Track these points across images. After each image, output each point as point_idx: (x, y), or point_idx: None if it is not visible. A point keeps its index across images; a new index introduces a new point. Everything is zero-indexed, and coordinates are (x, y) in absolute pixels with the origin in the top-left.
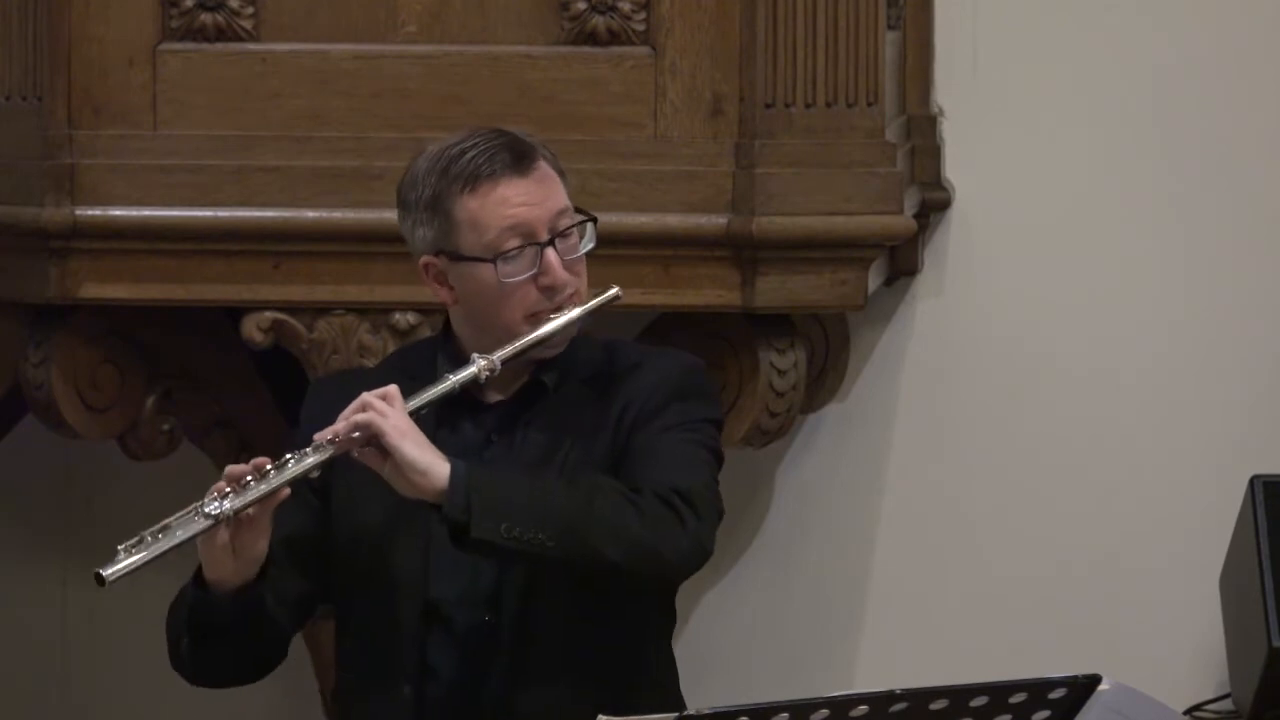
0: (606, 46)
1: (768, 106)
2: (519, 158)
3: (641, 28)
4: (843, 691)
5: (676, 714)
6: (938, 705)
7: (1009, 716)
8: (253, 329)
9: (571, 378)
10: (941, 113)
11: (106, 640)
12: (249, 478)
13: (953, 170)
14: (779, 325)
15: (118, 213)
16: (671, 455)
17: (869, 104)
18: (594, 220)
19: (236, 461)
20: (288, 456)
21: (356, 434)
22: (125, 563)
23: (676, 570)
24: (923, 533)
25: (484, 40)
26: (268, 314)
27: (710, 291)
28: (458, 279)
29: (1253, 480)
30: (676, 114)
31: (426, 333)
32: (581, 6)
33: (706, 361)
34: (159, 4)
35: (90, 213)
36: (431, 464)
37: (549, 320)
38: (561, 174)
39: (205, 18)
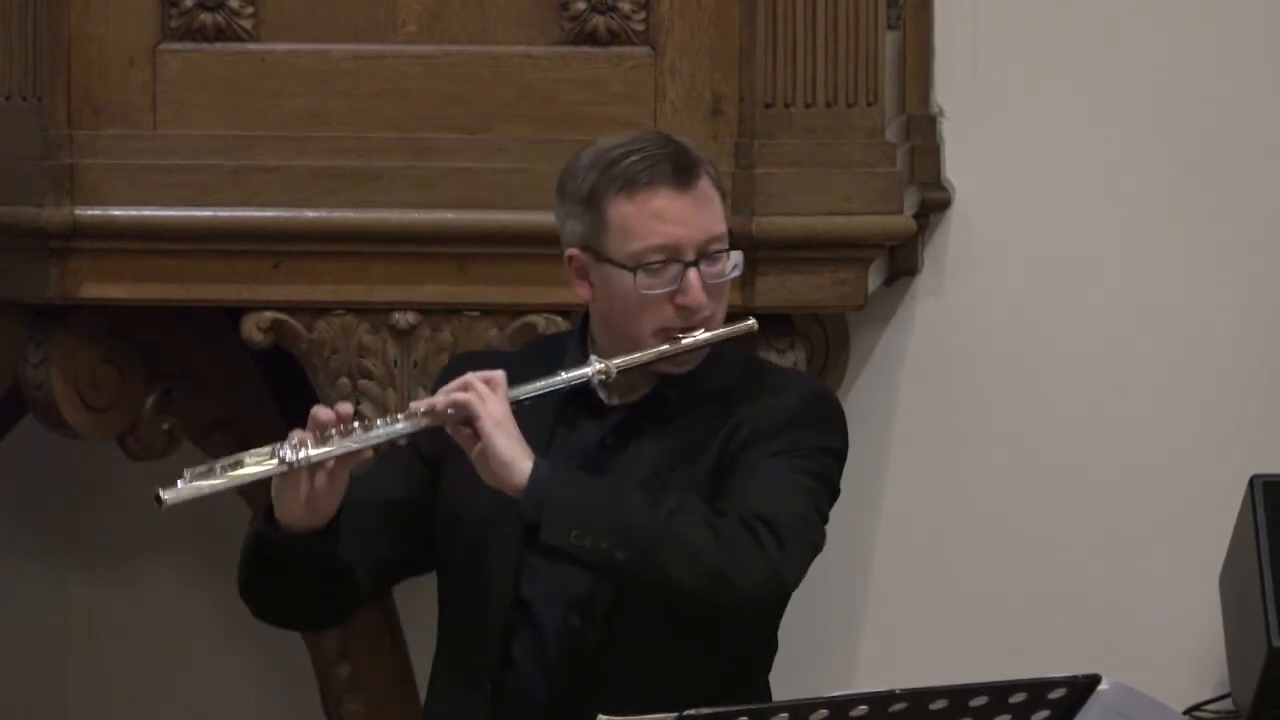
0: (606, 46)
1: (768, 106)
2: (681, 171)
3: (641, 28)
4: (843, 691)
5: (676, 714)
6: (938, 705)
7: (1009, 716)
8: (253, 329)
9: (699, 393)
10: (941, 113)
11: (106, 640)
12: (333, 430)
13: (953, 170)
14: (779, 325)
15: (118, 213)
16: (770, 480)
17: (869, 104)
18: (744, 247)
19: None
20: (379, 419)
21: (452, 411)
22: (188, 488)
23: (749, 600)
24: (923, 532)
25: (484, 40)
26: (268, 314)
27: None
28: (598, 278)
29: (1253, 480)
30: (676, 114)
31: (426, 333)
32: (581, 6)
33: None
34: (159, 4)
35: (90, 213)
36: (516, 458)
37: (677, 339)
38: (723, 193)
39: (205, 18)
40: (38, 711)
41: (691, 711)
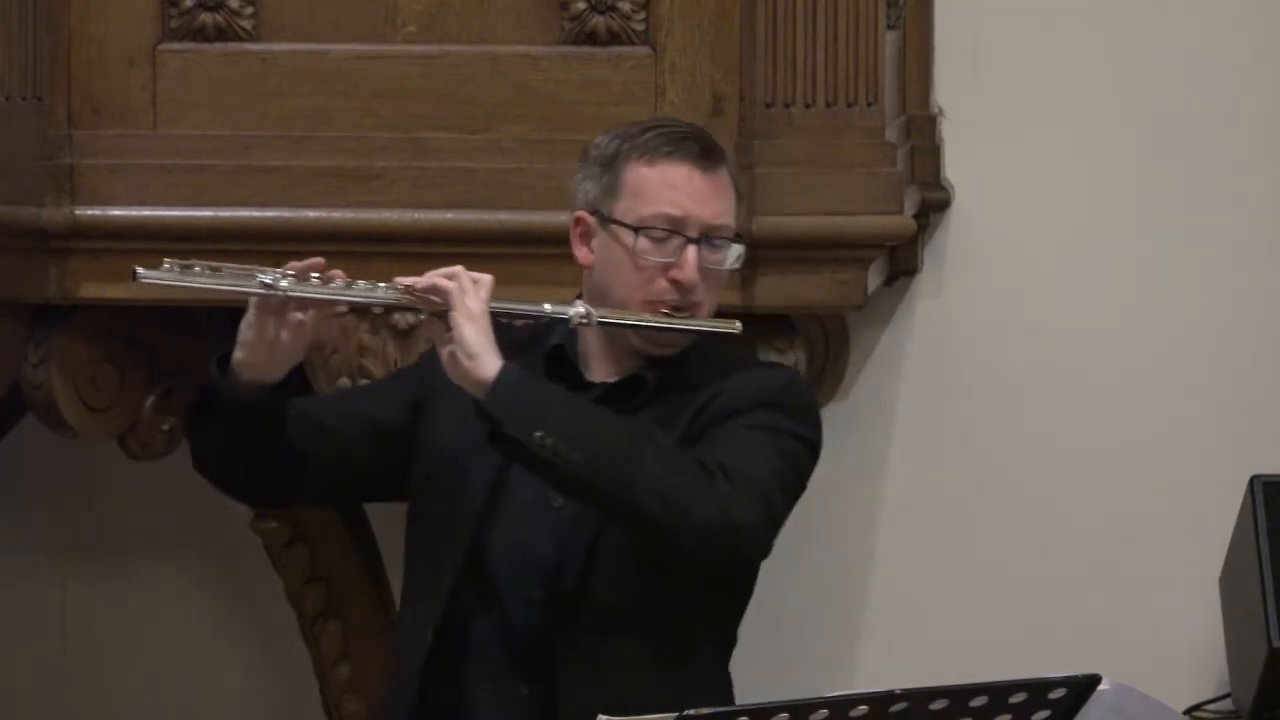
0: (606, 46)
1: (768, 106)
2: (707, 154)
3: (641, 28)
4: (843, 691)
5: (676, 714)
6: (938, 705)
7: (1009, 716)
8: None
9: (677, 381)
10: (941, 113)
11: (106, 640)
12: (315, 275)
13: (953, 170)
14: (779, 325)
15: (118, 213)
16: (736, 443)
17: (869, 104)
18: (747, 244)
19: None
20: (360, 281)
21: (432, 295)
22: (161, 275)
23: (700, 532)
24: (923, 532)
25: (484, 40)
26: None
27: None
28: (600, 244)
29: (1253, 480)
30: (676, 114)
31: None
32: (581, 6)
33: None
34: (159, 4)
35: (90, 213)
36: (485, 351)
37: (665, 314)
38: (739, 197)
39: (205, 18)
40: (37, 711)
41: (691, 711)
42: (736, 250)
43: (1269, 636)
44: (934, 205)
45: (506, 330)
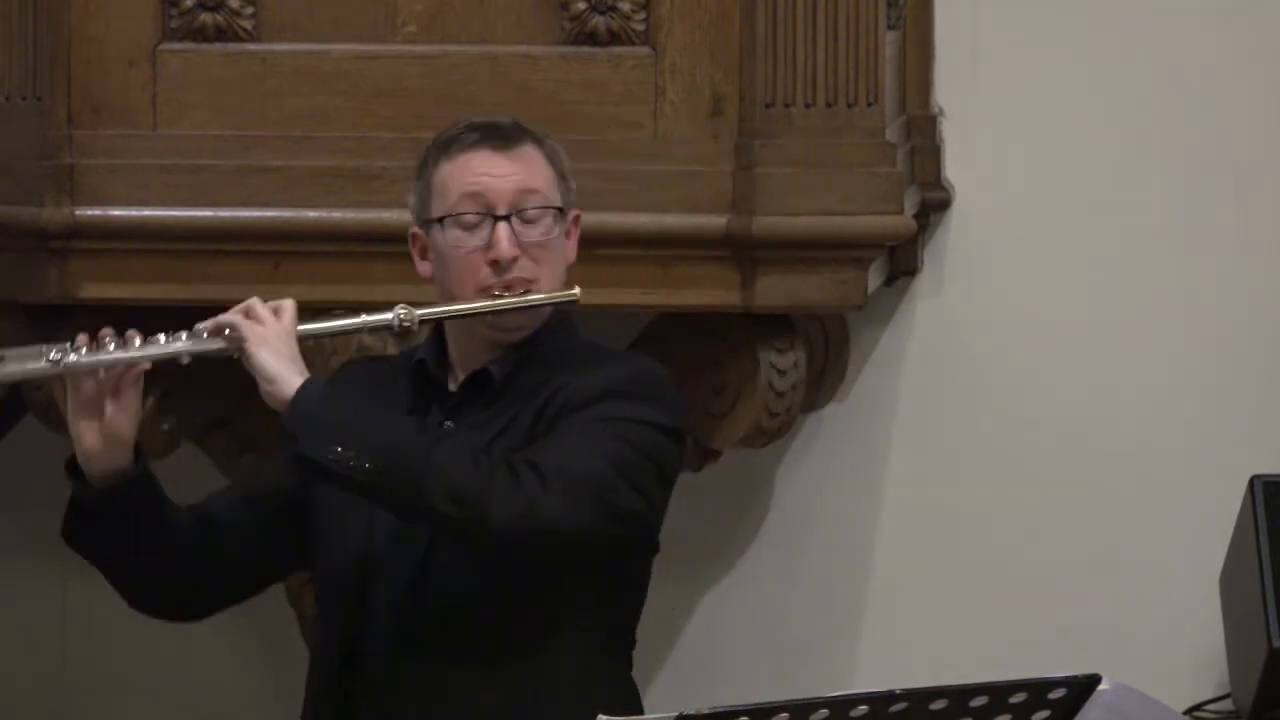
0: (606, 46)
1: (768, 106)
2: (497, 132)
3: (641, 28)
4: (843, 691)
5: (677, 713)
6: (938, 705)
7: (1009, 716)
8: None
9: (531, 370)
10: (941, 113)
11: (106, 640)
12: (110, 340)
13: (953, 170)
14: (779, 325)
15: (118, 213)
16: (572, 439)
17: (869, 104)
18: (560, 210)
19: (237, 461)
20: (160, 335)
21: (227, 332)
22: None
23: (503, 536)
24: (923, 532)
25: (484, 40)
26: None
27: (710, 291)
28: (432, 251)
29: (1253, 480)
30: (676, 114)
31: (426, 333)
32: (581, 6)
33: (706, 361)
34: (159, 4)
35: (90, 213)
36: (281, 374)
37: (495, 296)
38: (560, 174)
39: (205, 18)
40: (38, 711)
41: (691, 711)
42: (551, 217)
43: (1269, 636)
44: (934, 205)
45: (382, 359)
